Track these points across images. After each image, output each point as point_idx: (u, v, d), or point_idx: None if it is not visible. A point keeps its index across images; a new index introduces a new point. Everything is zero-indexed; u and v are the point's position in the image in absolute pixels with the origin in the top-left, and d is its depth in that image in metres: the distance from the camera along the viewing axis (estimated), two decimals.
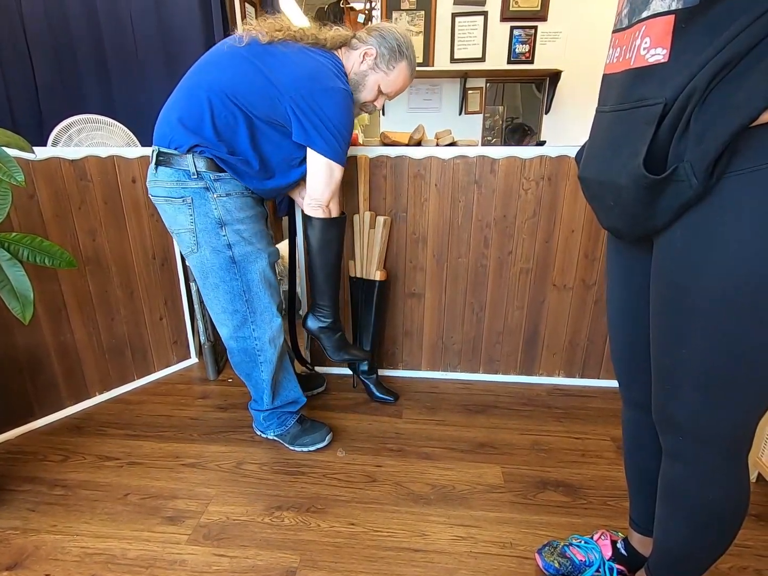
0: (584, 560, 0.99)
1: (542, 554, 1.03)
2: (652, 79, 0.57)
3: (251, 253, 1.22)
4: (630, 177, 0.59)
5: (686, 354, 0.64)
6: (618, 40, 0.64)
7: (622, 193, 0.62)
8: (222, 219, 1.17)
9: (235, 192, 1.18)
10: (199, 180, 1.13)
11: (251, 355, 1.31)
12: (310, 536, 1.11)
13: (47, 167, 1.44)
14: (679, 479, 0.73)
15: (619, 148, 0.62)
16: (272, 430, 1.44)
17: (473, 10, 2.95)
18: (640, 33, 0.58)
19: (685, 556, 0.78)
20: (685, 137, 0.55)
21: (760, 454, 1.26)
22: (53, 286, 1.49)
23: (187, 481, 1.29)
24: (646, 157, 0.57)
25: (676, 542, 0.78)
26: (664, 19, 0.55)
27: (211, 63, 1.14)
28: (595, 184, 0.69)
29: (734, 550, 1.08)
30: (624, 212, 0.65)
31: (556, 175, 1.59)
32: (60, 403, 1.59)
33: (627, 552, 0.98)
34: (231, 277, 1.22)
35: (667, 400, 0.69)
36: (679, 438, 0.70)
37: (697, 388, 0.64)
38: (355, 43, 1.24)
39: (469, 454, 1.41)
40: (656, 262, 0.66)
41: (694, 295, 0.61)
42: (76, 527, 1.13)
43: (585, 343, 1.78)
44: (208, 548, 1.08)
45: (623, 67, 0.62)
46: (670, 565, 0.81)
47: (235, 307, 1.25)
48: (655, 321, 0.69)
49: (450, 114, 3.21)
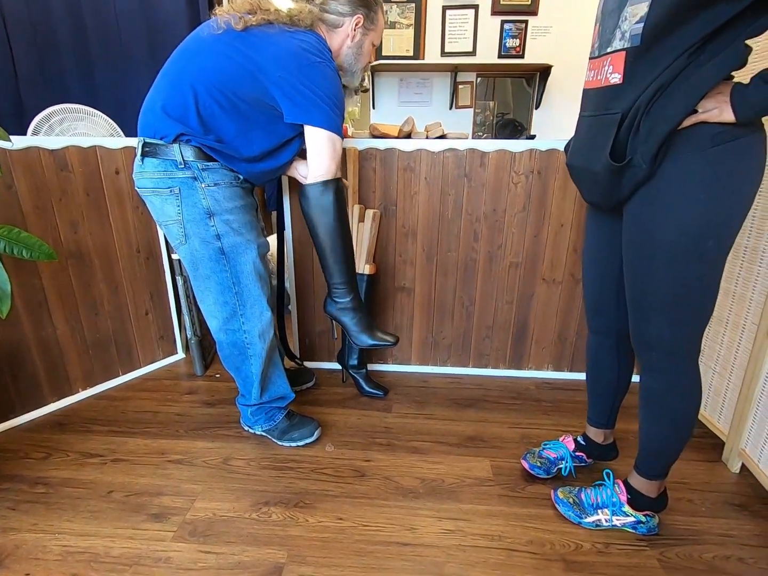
0: (556, 456, 1.28)
1: (527, 459, 1.28)
2: (613, 96, 0.83)
3: (240, 244, 1.20)
4: (602, 164, 0.85)
5: (651, 288, 0.89)
6: (592, 65, 0.91)
7: (597, 176, 0.88)
8: (210, 209, 1.15)
9: (223, 182, 1.16)
10: (186, 169, 1.11)
11: (240, 348, 1.29)
12: (298, 531, 1.10)
13: (26, 157, 1.39)
14: (654, 388, 0.99)
15: (594, 144, 0.88)
16: (260, 425, 1.42)
17: (464, 3, 2.93)
18: (607, 62, 0.85)
19: (665, 447, 1.03)
20: (636, 137, 0.80)
21: (744, 445, 1.28)
22: (34, 280, 1.45)
23: (173, 477, 1.27)
24: (611, 151, 0.83)
25: (656, 440, 1.03)
26: (620, 53, 0.81)
27: (192, 50, 1.10)
28: (579, 170, 0.96)
29: (717, 539, 1.10)
30: (600, 189, 0.91)
31: (545, 168, 1.58)
32: (42, 400, 1.55)
33: (585, 442, 1.28)
34: (220, 269, 1.20)
35: (641, 326, 0.95)
36: (652, 353, 0.95)
37: (661, 313, 0.90)
38: (331, 18, 1.19)
39: (458, 448, 1.41)
40: (625, 225, 0.92)
41: (652, 244, 0.87)
42: (57, 525, 1.11)
43: (574, 337, 1.79)
44: (194, 545, 1.06)
45: (596, 85, 0.89)
46: (654, 458, 1.05)
47: (225, 299, 1.23)
48: (628, 268, 0.94)
49: (440, 108, 3.19)
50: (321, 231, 1.18)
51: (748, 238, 1.29)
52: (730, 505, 1.20)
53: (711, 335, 1.45)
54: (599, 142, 0.85)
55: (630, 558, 1.04)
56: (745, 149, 0.79)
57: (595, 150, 0.87)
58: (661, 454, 1.04)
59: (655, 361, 0.95)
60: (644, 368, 0.99)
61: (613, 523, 1.10)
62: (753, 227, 1.28)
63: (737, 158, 0.79)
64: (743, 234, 1.31)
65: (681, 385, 0.96)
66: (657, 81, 0.76)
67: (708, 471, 1.32)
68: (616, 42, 0.82)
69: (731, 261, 1.36)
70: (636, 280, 0.92)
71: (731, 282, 1.36)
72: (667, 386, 0.97)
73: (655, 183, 0.83)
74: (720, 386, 1.42)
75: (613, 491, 1.11)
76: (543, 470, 1.26)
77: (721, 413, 1.42)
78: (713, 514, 1.17)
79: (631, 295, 0.95)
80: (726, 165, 0.79)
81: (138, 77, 2.36)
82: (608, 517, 1.10)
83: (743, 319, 1.31)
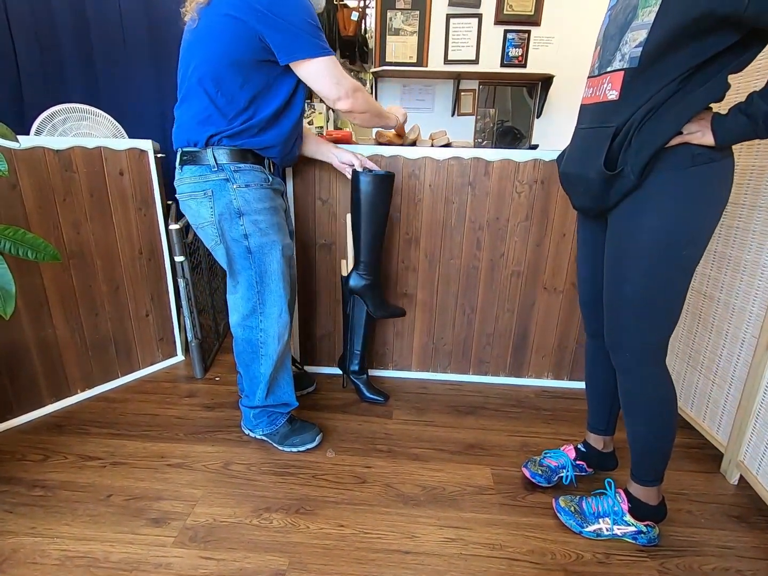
0: (557, 464, 1.29)
1: (528, 467, 1.29)
2: (610, 111, 0.91)
3: (266, 244, 1.23)
4: (595, 172, 0.92)
5: (628, 290, 0.95)
6: (591, 83, 0.99)
7: (589, 183, 0.95)
8: (240, 209, 1.19)
9: (254, 183, 1.20)
10: (219, 171, 1.17)
11: (254, 346, 1.31)
12: (299, 538, 1.10)
13: (31, 157, 1.39)
14: (629, 388, 1.04)
15: (589, 154, 0.94)
16: (261, 429, 1.42)
17: (468, 12, 2.95)
18: (606, 80, 0.93)
19: (652, 448, 1.06)
20: (627, 151, 0.88)
21: (742, 457, 1.29)
22: (35, 279, 1.44)
23: (173, 481, 1.27)
24: (605, 160, 0.90)
25: (642, 440, 1.07)
26: (619, 73, 0.89)
27: (186, 54, 1.16)
28: (572, 177, 1.02)
29: (717, 551, 1.10)
30: (590, 195, 0.98)
31: (549, 178, 1.60)
32: (40, 401, 1.54)
33: (586, 449, 1.30)
34: (247, 266, 1.25)
35: (616, 328, 1.01)
36: (626, 355, 1.01)
37: (634, 315, 0.96)
38: None
39: (458, 456, 1.41)
40: (609, 230, 0.99)
41: (631, 249, 0.94)
42: (56, 529, 1.10)
43: (573, 345, 1.80)
44: (195, 551, 1.05)
45: (594, 101, 0.97)
46: (645, 461, 1.08)
47: (248, 295, 1.27)
48: (608, 270, 1.00)
49: (443, 115, 3.21)
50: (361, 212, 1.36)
51: (749, 251, 1.31)
52: (728, 516, 1.21)
53: (710, 347, 1.47)
54: (594, 152, 0.92)
55: (630, 569, 1.05)
56: (718, 171, 0.88)
57: (590, 159, 0.93)
58: (650, 455, 1.07)
59: (627, 362, 1.02)
60: (618, 369, 1.05)
61: (613, 532, 1.11)
62: (754, 242, 1.29)
63: (712, 178, 0.88)
64: (743, 248, 1.33)
65: (653, 383, 1.02)
66: (650, 102, 0.85)
67: (706, 482, 1.33)
68: (616, 63, 0.90)
69: (731, 275, 1.38)
70: (613, 281, 0.99)
71: (731, 295, 1.38)
72: (639, 385, 1.02)
73: (640, 193, 0.91)
74: (719, 398, 1.43)
75: (615, 500, 1.11)
76: (544, 479, 1.26)
77: (720, 424, 1.43)
78: (712, 526, 1.17)
79: (608, 297, 1.02)
80: (702, 183, 0.88)
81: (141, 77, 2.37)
82: (609, 526, 1.11)
83: (743, 332, 1.32)
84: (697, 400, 1.53)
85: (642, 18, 0.85)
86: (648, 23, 0.83)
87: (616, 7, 0.94)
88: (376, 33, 3.03)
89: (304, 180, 1.65)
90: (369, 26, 3.48)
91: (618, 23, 0.91)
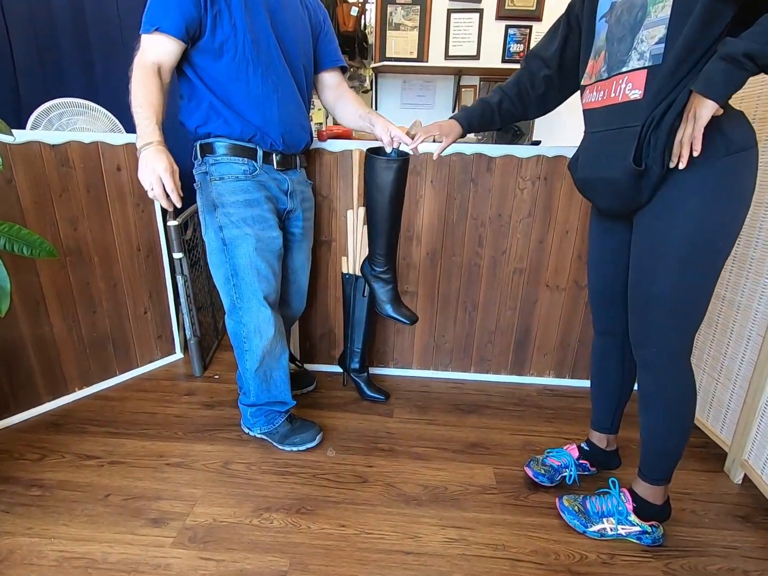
0: (560, 464, 1.28)
1: (531, 467, 1.27)
2: (632, 111, 0.89)
3: (238, 237, 1.21)
4: (623, 171, 0.89)
5: (658, 288, 0.94)
6: (599, 87, 0.97)
7: (616, 183, 0.92)
8: (215, 202, 1.20)
9: (228, 176, 1.19)
10: (203, 165, 1.20)
11: (239, 340, 1.32)
12: (300, 538, 1.09)
13: (27, 151, 1.37)
14: (651, 385, 1.02)
15: (611, 155, 0.93)
16: (259, 428, 1.40)
17: (469, 6, 2.92)
18: (623, 80, 0.90)
19: (666, 447, 1.05)
20: (647, 146, 0.87)
21: (746, 456, 1.28)
22: (31, 277, 1.42)
23: (172, 481, 1.25)
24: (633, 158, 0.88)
25: (658, 437, 1.05)
26: (641, 72, 0.87)
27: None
28: (594, 181, 1.00)
29: (722, 551, 1.09)
30: (618, 197, 0.95)
31: (552, 175, 1.58)
32: (37, 399, 1.52)
33: (589, 447, 1.29)
34: (222, 261, 1.25)
35: (643, 326, 0.99)
36: (651, 350, 0.99)
37: (665, 310, 0.95)
38: None
39: (460, 455, 1.40)
40: (637, 230, 0.97)
41: (664, 247, 0.91)
42: (53, 530, 1.08)
43: (576, 344, 1.78)
44: (194, 551, 1.04)
45: (606, 103, 0.95)
46: (656, 460, 1.07)
47: (228, 290, 1.28)
48: (635, 269, 0.98)
49: (443, 111, 3.18)
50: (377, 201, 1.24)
51: (755, 249, 1.29)
52: (733, 516, 1.20)
53: (715, 345, 1.46)
54: (619, 153, 0.90)
55: (635, 569, 1.04)
56: (748, 160, 0.86)
57: (614, 160, 0.91)
58: (664, 454, 1.06)
59: (653, 358, 1.00)
60: (641, 365, 1.03)
61: (618, 532, 1.10)
62: (760, 238, 1.28)
63: (743, 168, 0.86)
64: (749, 245, 1.31)
65: (676, 381, 1.00)
66: (669, 96, 0.83)
67: (710, 481, 1.32)
68: (634, 62, 0.88)
69: (737, 272, 1.36)
70: (642, 281, 0.97)
71: (737, 293, 1.36)
72: (663, 382, 1.00)
73: (672, 190, 0.88)
74: (723, 396, 1.42)
75: (619, 499, 1.10)
76: (547, 478, 1.25)
77: (724, 423, 1.42)
78: (717, 526, 1.16)
79: (634, 296, 0.99)
80: (735, 174, 0.86)
81: None
82: (613, 525, 1.10)
83: (748, 330, 1.31)
84: (701, 399, 1.51)
85: (655, 14, 0.83)
86: (664, 18, 0.82)
87: (614, 12, 0.92)
88: (376, 28, 3.00)
89: None
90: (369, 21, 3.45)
91: (625, 25, 0.90)
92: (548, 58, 1.11)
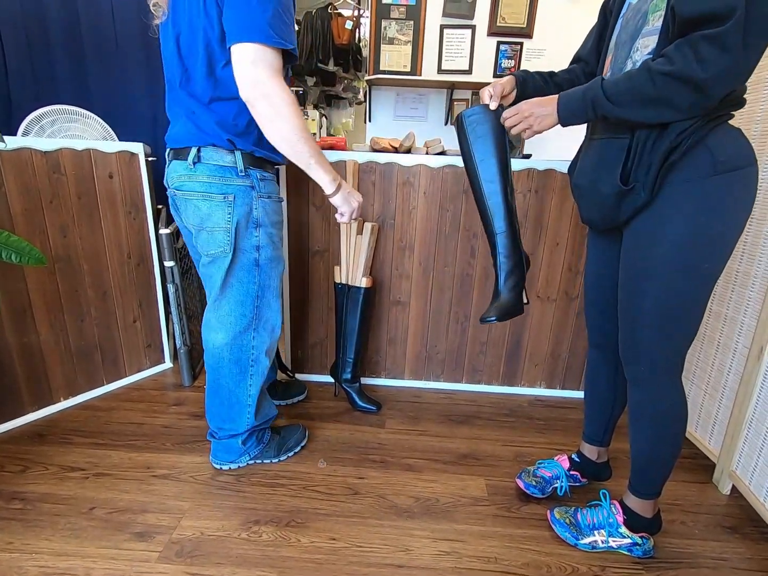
0: (551, 475, 1.28)
1: (522, 478, 1.27)
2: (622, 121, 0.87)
3: (274, 258, 1.21)
4: (609, 185, 0.91)
5: (646, 304, 0.93)
6: None
7: (601, 196, 0.94)
8: (259, 220, 1.15)
9: (274, 195, 1.19)
10: (245, 178, 1.11)
11: (243, 366, 1.24)
12: (290, 552, 1.07)
13: (17, 158, 1.35)
14: (640, 401, 1.02)
15: (603, 167, 0.93)
16: (248, 455, 1.33)
17: (462, 23, 2.99)
18: None
19: (655, 463, 1.04)
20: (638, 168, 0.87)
21: (734, 467, 1.29)
22: (18, 284, 1.40)
23: (159, 493, 1.22)
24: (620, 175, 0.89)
25: (647, 453, 1.04)
26: None
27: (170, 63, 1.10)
28: (585, 189, 1.00)
29: (711, 563, 1.10)
30: (599, 209, 0.97)
31: (543, 188, 1.61)
32: (21, 409, 1.49)
33: (580, 459, 1.29)
34: (249, 280, 1.18)
35: (632, 340, 0.98)
36: (640, 367, 0.98)
37: (652, 328, 0.94)
38: None
39: (452, 466, 1.39)
40: (624, 245, 0.97)
41: (650, 261, 0.91)
42: (35, 544, 1.05)
43: (566, 354, 1.80)
44: (181, 566, 1.02)
45: None
46: (646, 475, 1.06)
47: (244, 311, 1.20)
48: (624, 285, 0.98)
49: (436, 124, 3.22)
50: (496, 158, 1.03)
51: (740, 263, 1.32)
52: (722, 527, 1.20)
53: (702, 357, 1.48)
54: (608, 165, 0.91)
55: None
56: (741, 179, 0.84)
57: (604, 172, 0.92)
58: (653, 470, 1.05)
59: (642, 373, 0.99)
60: (631, 381, 1.02)
61: (609, 545, 1.09)
62: (744, 252, 1.31)
63: (735, 187, 0.84)
64: (735, 259, 1.34)
65: (665, 398, 0.99)
66: None
67: (699, 492, 1.33)
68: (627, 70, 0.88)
69: (723, 285, 1.39)
70: (631, 294, 0.96)
71: (723, 305, 1.39)
72: (653, 397, 0.99)
73: (659, 204, 0.88)
74: (711, 408, 1.43)
75: (609, 512, 1.10)
76: (538, 489, 1.25)
77: (712, 434, 1.43)
78: (706, 537, 1.17)
79: (624, 309, 0.99)
80: (725, 192, 0.83)
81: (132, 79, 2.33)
82: (605, 538, 1.09)
83: (734, 342, 1.33)
84: (689, 410, 1.53)
85: (652, 23, 0.82)
86: (657, 28, 0.81)
87: (627, 14, 0.92)
88: (370, 42, 3.05)
89: (298, 186, 1.64)
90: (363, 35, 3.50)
91: (629, 30, 0.89)
92: (586, 54, 1.09)
